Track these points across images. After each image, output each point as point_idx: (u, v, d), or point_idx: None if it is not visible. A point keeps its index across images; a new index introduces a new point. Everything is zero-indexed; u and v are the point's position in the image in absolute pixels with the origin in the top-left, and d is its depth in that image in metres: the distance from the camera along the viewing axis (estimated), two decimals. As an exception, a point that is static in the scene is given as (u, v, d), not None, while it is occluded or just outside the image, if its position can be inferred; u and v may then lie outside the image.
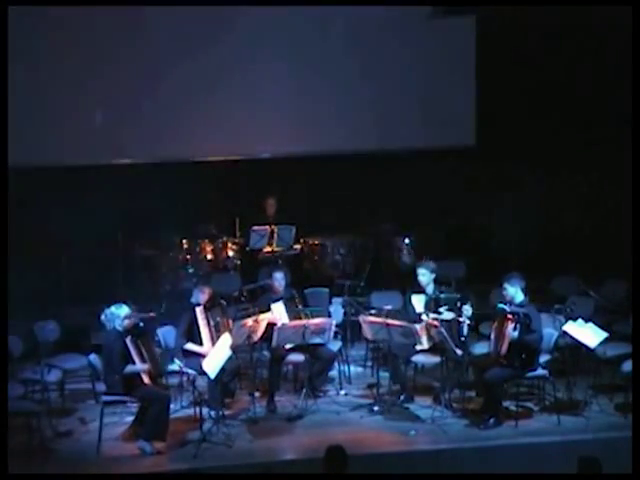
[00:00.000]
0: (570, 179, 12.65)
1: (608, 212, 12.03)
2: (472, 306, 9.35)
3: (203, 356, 9.10)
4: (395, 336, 9.18)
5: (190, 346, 9.38)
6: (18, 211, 10.41)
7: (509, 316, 8.88)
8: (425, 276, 9.67)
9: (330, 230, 12.59)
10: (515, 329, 8.85)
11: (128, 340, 8.75)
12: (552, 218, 12.87)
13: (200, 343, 9.42)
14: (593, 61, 12.23)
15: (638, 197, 9.30)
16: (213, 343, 9.30)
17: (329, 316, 9.74)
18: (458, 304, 9.30)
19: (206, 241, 12.17)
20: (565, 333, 9.32)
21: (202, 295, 9.58)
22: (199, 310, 9.46)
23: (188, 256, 12.09)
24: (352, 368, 10.53)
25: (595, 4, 10.89)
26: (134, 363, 8.74)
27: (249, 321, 9.22)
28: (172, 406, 8.96)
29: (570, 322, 9.30)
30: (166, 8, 11.68)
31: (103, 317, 8.87)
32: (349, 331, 10.70)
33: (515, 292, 9.09)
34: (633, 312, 8.99)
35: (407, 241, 12.37)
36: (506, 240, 12.94)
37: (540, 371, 9.14)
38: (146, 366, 8.78)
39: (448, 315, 9.33)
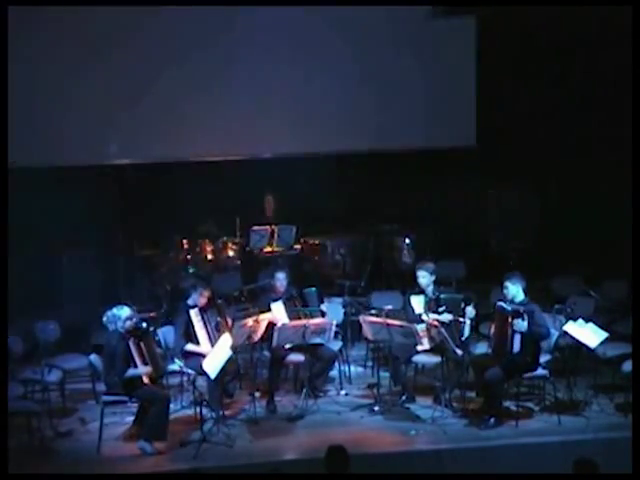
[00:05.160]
0: (570, 179, 12.65)
1: (608, 212, 12.02)
2: (475, 307, 9.37)
3: (203, 356, 9.11)
4: (395, 336, 9.18)
5: (190, 347, 9.38)
6: (18, 211, 10.40)
7: (510, 315, 8.90)
8: (425, 278, 9.66)
9: (330, 230, 12.59)
10: (523, 319, 8.86)
11: (130, 342, 8.74)
12: (552, 218, 12.87)
13: (198, 344, 9.42)
14: (593, 61, 12.23)
15: (638, 197, 9.29)
16: (211, 343, 9.31)
17: (322, 316, 9.73)
18: (462, 305, 9.32)
19: (206, 241, 12.18)
20: (565, 333, 9.32)
21: (201, 298, 9.57)
22: (193, 312, 9.45)
23: (188, 256, 12.10)
24: (352, 368, 10.52)
25: (595, 4, 10.89)
26: (136, 365, 8.73)
27: (249, 321, 9.22)
28: (172, 406, 8.95)
29: (570, 322, 9.30)
30: (167, 8, 11.68)
31: (105, 319, 8.86)
32: (349, 331, 10.71)
33: (517, 291, 9.10)
34: (633, 312, 8.99)
35: (407, 241, 12.37)
36: (506, 240, 12.93)
37: (540, 371, 9.14)
38: (148, 369, 8.77)
39: (448, 317, 9.34)
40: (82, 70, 11.77)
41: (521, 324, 8.89)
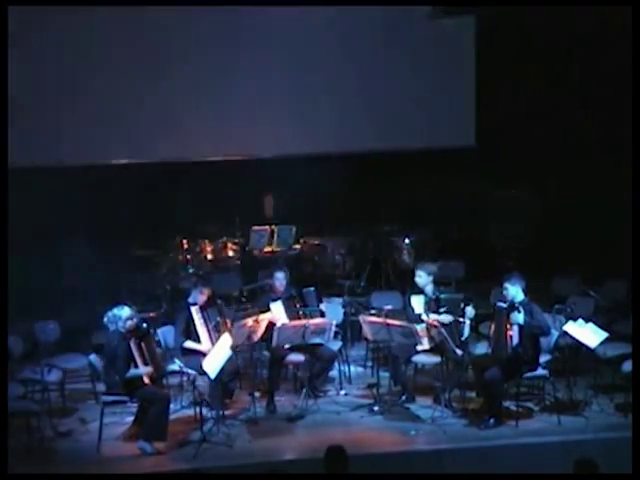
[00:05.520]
0: (570, 179, 12.65)
1: (608, 212, 12.02)
2: (475, 307, 9.37)
3: (203, 355, 9.12)
4: (395, 336, 9.17)
5: (189, 344, 9.39)
6: (18, 211, 10.39)
7: (507, 311, 8.95)
8: (421, 278, 9.66)
9: (330, 230, 12.59)
10: (519, 312, 8.88)
11: (132, 342, 8.74)
12: (552, 218, 12.87)
13: (198, 341, 9.43)
14: (593, 61, 12.23)
15: (638, 197, 9.29)
16: (212, 341, 9.32)
17: (321, 316, 9.74)
18: (461, 305, 9.32)
19: (206, 241, 12.18)
20: (565, 333, 9.32)
21: (201, 296, 9.60)
22: (194, 309, 9.48)
23: (188, 256, 12.10)
24: (352, 368, 10.52)
25: (595, 4, 10.89)
26: (136, 365, 8.74)
27: (249, 321, 9.22)
28: (172, 406, 8.95)
29: (570, 322, 9.30)
30: (167, 8, 11.68)
31: (106, 319, 8.86)
32: (349, 331, 10.70)
33: (516, 292, 9.09)
34: (633, 312, 8.99)
35: (407, 241, 12.38)
36: (506, 240, 12.93)
37: (540, 371, 9.14)
38: (149, 369, 8.78)
39: (448, 317, 9.34)
40: (83, 70, 11.79)
41: (517, 316, 8.92)
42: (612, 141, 12.00)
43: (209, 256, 12.20)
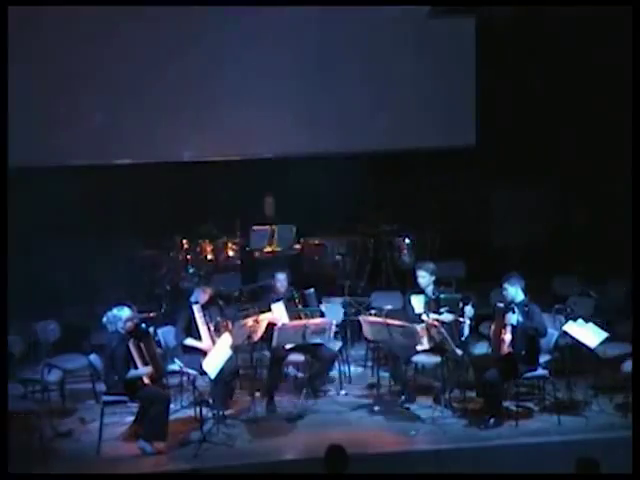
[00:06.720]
0: (570, 178, 12.65)
1: (608, 212, 12.02)
2: (474, 306, 9.37)
3: (203, 353, 9.13)
4: (395, 336, 9.17)
5: (190, 341, 9.39)
6: (18, 211, 10.40)
7: (504, 311, 8.97)
8: (424, 278, 9.66)
9: (330, 230, 12.58)
10: (514, 312, 8.89)
11: (131, 343, 8.74)
12: (552, 218, 12.87)
13: (199, 340, 9.44)
14: (593, 60, 12.23)
15: (638, 197, 9.29)
16: (212, 340, 9.33)
17: (322, 316, 9.74)
18: (460, 304, 9.32)
19: (206, 241, 12.18)
20: (565, 333, 9.32)
21: (203, 295, 9.62)
22: (196, 308, 9.49)
23: (188, 256, 12.10)
24: (352, 368, 10.53)
25: (595, 4, 10.89)
26: (136, 366, 8.74)
27: (249, 321, 9.23)
28: (172, 406, 8.96)
29: (570, 322, 9.30)
30: (168, 8, 11.68)
31: (105, 319, 8.86)
32: (349, 331, 10.70)
33: (515, 292, 9.10)
34: (633, 312, 8.99)
35: (407, 241, 12.37)
36: (506, 240, 12.93)
37: (540, 371, 9.14)
38: (149, 370, 8.78)
39: (448, 317, 9.35)
40: (83, 70, 11.79)
41: (511, 316, 8.94)
42: (612, 141, 12.00)
43: (209, 256, 12.19)
